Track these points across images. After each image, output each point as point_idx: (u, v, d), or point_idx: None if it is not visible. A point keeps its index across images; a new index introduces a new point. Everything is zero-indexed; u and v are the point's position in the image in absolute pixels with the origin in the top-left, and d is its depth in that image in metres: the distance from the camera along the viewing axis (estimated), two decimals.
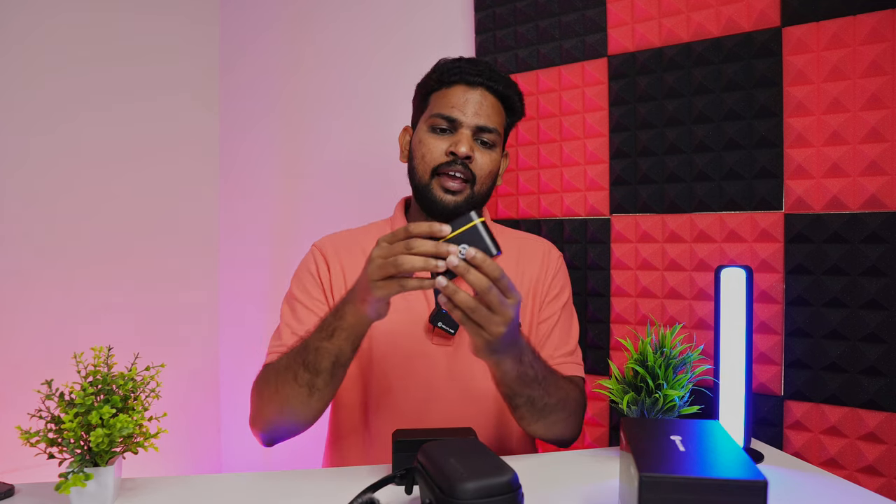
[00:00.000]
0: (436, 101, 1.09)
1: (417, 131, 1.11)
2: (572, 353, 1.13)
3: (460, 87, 1.08)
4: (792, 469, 0.94)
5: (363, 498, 0.75)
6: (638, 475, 0.62)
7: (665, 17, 1.25)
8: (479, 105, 1.07)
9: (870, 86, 1.05)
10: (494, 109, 1.09)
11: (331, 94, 1.85)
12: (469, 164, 1.05)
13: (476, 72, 1.07)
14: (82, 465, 0.77)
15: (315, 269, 1.12)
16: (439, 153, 1.06)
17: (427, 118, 1.09)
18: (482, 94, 1.08)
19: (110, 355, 0.82)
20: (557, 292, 1.15)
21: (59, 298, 1.68)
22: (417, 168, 1.08)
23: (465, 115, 1.06)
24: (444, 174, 1.05)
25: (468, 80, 1.07)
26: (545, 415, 0.97)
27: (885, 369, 1.04)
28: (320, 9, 1.87)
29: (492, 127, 1.07)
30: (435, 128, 1.07)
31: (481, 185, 1.07)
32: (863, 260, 1.06)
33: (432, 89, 1.10)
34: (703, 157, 1.22)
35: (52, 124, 1.67)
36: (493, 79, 1.08)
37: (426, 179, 1.07)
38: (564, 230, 1.40)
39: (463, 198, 1.06)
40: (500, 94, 1.09)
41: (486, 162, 1.07)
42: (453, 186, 1.05)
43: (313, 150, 1.90)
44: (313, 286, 1.11)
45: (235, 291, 2.08)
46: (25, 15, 1.62)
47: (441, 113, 1.06)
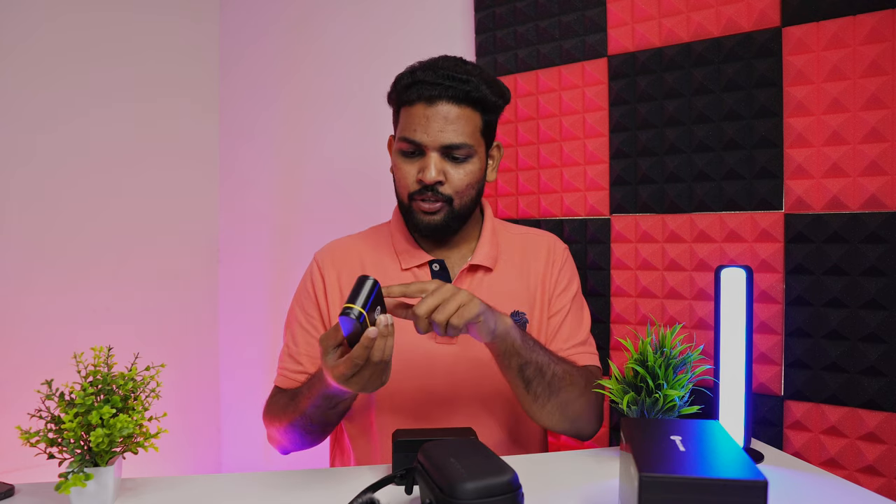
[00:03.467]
0: (403, 120, 1.05)
1: (393, 151, 1.09)
2: (585, 343, 1.13)
3: (420, 106, 1.01)
4: (792, 469, 0.94)
5: (363, 498, 0.75)
6: (638, 475, 0.62)
7: (665, 17, 1.25)
8: (443, 121, 1.00)
9: (870, 86, 1.05)
10: (462, 119, 1.02)
11: (331, 95, 1.85)
12: (440, 189, 1.03)
13: (433, 82, 1.00)
14: (82, 465, 0.77)
15: (312, 288, 1.15)
16: (411, 180, 1.04)
17: (397, 139, 1.06)
18: (445, 107, 1.01)
19: (110, 355, 0.82)
20: (566, 285, 1.15)
21: (59, 299, 1.68)
22: (398, 190, 1.09)
23: (428, 135, 1.01)
24: (419, 199, 1.05)
25: (426, 96, 1.00)
26: (556, 388, 0.98)
27: (885, 369, 1.04)
28: (320, 9, 1.87)
29: (459, 142, 1.01)
30: (404, 151, 1.04)
31: (461, 199, 1.05)
32: (863, 260, 1.06)
33: (399, 105, 1.06)
34: (703, 157, 1.22)
35: (52, 125, 1.67)
36: (454, 86, 1.00)
37: (406, 203, 1.07)
38: (564, 230, 1.40)
39: (442, 217, 1.05)
40: (467, 99, 1.01)
41: (460, 178, 1.04)
42: (429, 208, 1.04)
43: (313, 151, 1.90)
44: (311, 306, 1.14)
45: (235, 292, 2.08)
46: (26, 17, 1.62)
47: (405, 136, 1.03)
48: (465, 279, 1.10)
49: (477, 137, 1.05)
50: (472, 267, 1.10)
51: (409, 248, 1.12)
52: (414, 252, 1.11)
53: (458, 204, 1.05)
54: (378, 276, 1.09)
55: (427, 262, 1.11)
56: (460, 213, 1.07)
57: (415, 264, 1.11)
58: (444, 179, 1.03)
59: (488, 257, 1.11)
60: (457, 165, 1.04)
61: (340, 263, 1.14)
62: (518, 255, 1.15)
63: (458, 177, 1.04)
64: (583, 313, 1.16)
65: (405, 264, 1.11)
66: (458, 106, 1.02)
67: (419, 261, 1.11)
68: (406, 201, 1.07)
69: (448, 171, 1.03)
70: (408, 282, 1.07)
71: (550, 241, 1.19)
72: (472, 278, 1.10)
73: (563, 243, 1.21)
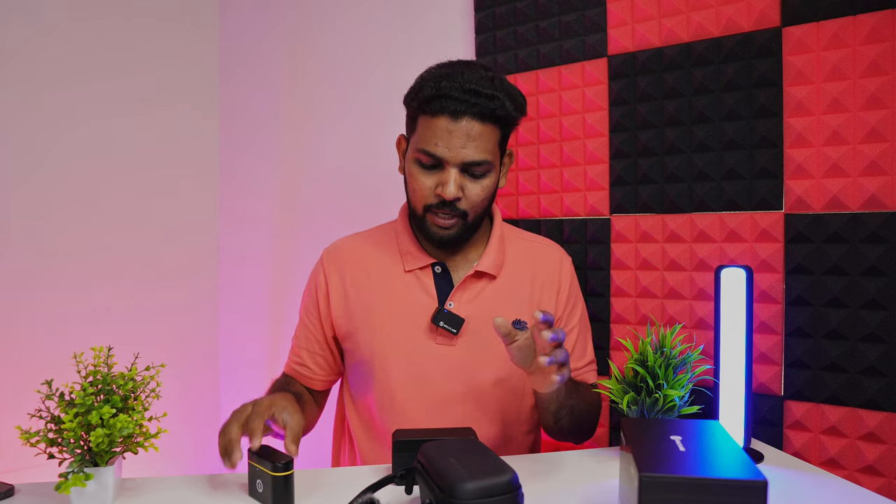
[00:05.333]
0: (422, 130, 1.02)
1: (408, 159, 1.07)
2: (592, 361, 1.20)
3: (443, 119, 0.99)
4: (792, 469, 0.94)
5: (363, 498, 0.75)
6: (638, 475, 0.62)
7: (665, 17, 1.25)
8: (465, 138, 0.99)
9: (870, 86, 1.05)
10: (484, 136, 1.00)
11: (331, 98, 1.85)
12: (458, 205, 1.03)
13: (460, 97, 0.98)
14: (82, 465, 0.77)
15: (314, 286, 1.18)
16: (429, 192, 1.03)
17: (414, 148, 1.03)
18: (468, 123, 0.99)
19: (110, 355, 0.83)
20: (574, 303, 1.18)
21: (59, 299, 1.68)
22: (411, 199, 1.08)
23: (450, 150, 0.99)
24: (435, 213, 1.04)
25: (450, 111, 0.98)
26: (580, 420, 1.08)
27: (885, 369, 1.04)
28: (320, 12, 1.87)
29: (480, 160, 1.00)
30: (422, 162, 1.03)
31: (474, 213, 1.05)
32: (863, 260, 1.06)
33: (418, 112, 1.03)
34: (703, 157, 1.22)
35: (54, 127, 1.68)
36: (479, 102, 0.98)
37: (420, 213, 1.06)
38: (564, 230, 1.40)
39: (455, 230, 1.05)
40: (490, 116, 1.00)
41: (476, 193, 1.03)
42: (445, 223, 1.04)
43: (312, 154, 1.90)
44: (312, 304, 1.18)
45: (235, 292, 2.08)
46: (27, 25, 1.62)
47: (426, 149, 1.00)
48: (469, 285, 1.10)
49: (496, 152, 1.04)
50: (477, 273, 1.11)
51: (414, 250, 1.12)
52: (418, 255, 1.12)
53: (472, 217, 1.06)
54: (381, 277, 1.11)
55: (429, 264, 1.11)
56: (473, 225, 1.07)
57: (418, 266, 1.11)
58: (462, 195, 1.02)
59: (494, 265, 1.11)
60: (475, 181, 1.03)
61: (344, 263, 1.16)
62: (524, 264, 1.15)
63: (475, 192, 1.03)
64: (588, 330, 1.21)
65: (408, 266, 1.11)
66: (481, 123, 1.00)
67: (422, 263, 1.11)
68: (420, 212, 1.06)
69: (466, 186, 1.02)
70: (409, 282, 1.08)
71: (558, 255, 1.19)
72: (476, 284, 1.11)
73: (569, 258, 1.21)
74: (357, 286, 1.13)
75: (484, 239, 1.15)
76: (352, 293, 1.13)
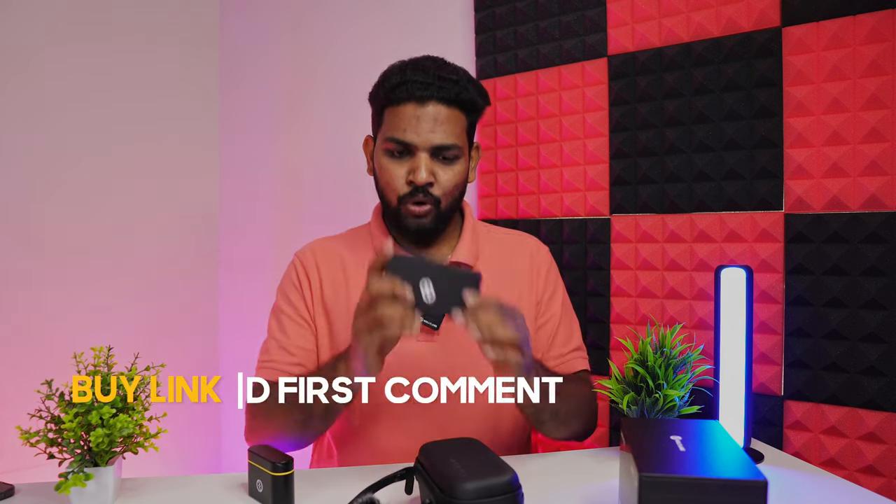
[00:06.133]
0: (388, 120, 1.03)
1: (377, 152, 1.07)
2: (579, 347, 1.16)
3: (410, 105, 1.00)
4: (792, 469, 0.94)
5: (363, 498, 0.75)
6: (638, 475, 0.63)
7: (665, 17, 1.25)
8: (432, 122, 1.00)
9: (870, 86, 1.05)
10: (451, 121, 1.02)
11: (331, 95, 1.85)
12: (431, 190, 1.03)
13: (424, 83, 0.99)
14: (82, 465, 0.77)
15: (297, 282, 1.14)
16: (401, 182, 1.03)
17: (383, 139, 1.04)
18: (434, 107, 1.00)
19: (110, 355, 0.82)
20: (553, 290, 1.16)
21: (59, 299, 1.68)
22: (384, 193, 1.07)
23: (418, 135, 1.00)
24: (409, 202, 1.04)
25: (417, 96, 1.00)
26: (567, 422, 1.03)
27: (885, 369, 1.04)
28: (319, 11, 1.87)
29: (450, 143, 1.01)
30: (391, 152, 1.03)
31: (447, 200, 1.05)
32: (863, 260, 1.06)
33: (384, 104, 1.04)
34: (703, 157, 1.22)
35: (52, 123, 1.67)
36: (444, 86, 1.00)
37: (394, 205, 1.06)
38: (564, 230, 1.40)
39: (430, 219, 1.05)
40: (455, 101, 1.01)
41: (448, 178, 1.04)
42: (420, 211, 1.03)
43: (313, 153, 1.90)
44: (297, 298, 1.13)
45: (235, 291, 2.08)
46: (26, 14, 1.62)
47: (394, 136, 1.01)
48: None
49: (463, 138, 1.05)
50: (453, 264, 1.10)
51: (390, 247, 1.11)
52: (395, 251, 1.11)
53: (445, 205, 1.05)
54: (359, 275, 1.09)
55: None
56: (445, 215, 1.07)
57: None
58: (434, 180, 1.03)
59: (469, 254, 1.11)
60: (446, 166, 1.03)
61: (320, 263, 1.14)
62: (500, 254, 1.15)
63: (446, 178, 1.03)
64: (573, 316, 1.18)
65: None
66: (447, 107, 1.01)
67: None
68: (395, 204, 1.05)
69: (437, 171, 1.03)
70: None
71: (533, 244, 1.19)
72: None
73: (544, 246, 1.20)
74: (335, 286, 1.11)
75: (456, 233, 1.15)
76: (329, 293, 1.11)
